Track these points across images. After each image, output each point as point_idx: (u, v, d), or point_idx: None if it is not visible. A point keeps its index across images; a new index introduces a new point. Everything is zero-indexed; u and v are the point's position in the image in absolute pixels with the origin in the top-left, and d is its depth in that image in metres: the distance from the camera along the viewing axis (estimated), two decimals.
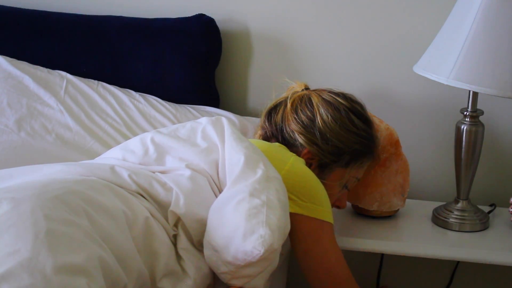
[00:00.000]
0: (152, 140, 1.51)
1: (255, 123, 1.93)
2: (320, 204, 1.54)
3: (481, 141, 1.80)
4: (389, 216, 1.88)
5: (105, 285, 1.19)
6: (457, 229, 1.82)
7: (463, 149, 1.79)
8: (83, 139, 1.86)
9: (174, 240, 1.40)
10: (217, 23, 1.99)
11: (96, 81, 1.98)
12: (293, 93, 1.71)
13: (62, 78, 1.96)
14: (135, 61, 2.00)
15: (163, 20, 2.00)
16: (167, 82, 1.98)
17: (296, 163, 1.57)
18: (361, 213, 1.89)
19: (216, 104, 2.03)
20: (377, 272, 2.08)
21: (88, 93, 1.94)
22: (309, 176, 1.57)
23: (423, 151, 2.03)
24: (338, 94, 1.69)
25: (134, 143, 1.54)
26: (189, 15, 1.99)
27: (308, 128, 1.64)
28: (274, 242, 1.32)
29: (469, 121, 1.79)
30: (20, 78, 1.94)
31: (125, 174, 1.41)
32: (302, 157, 1.63)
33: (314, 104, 1.66)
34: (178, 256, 1.39)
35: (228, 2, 2.05)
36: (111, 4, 2.09)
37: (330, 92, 1.70)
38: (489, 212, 1.89)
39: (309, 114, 1.65)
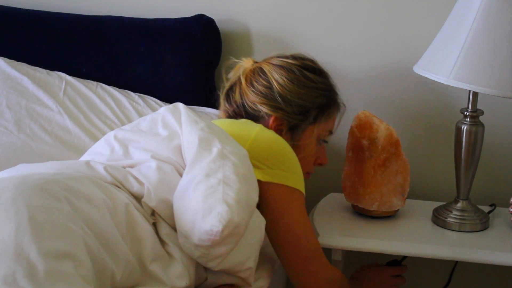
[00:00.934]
0: (116, 138, 1.53)
1: None
2: (289, 171, 1.54)
3: (481, 141, 1.80)
4: (389, 216, 1.88)
5: (93, 269, 1.20)
6: (457, 229, 1.82)
7: (463, 149, 1.79)
8: (82, 141, 1.86)
9: (155, 228, 1.41)
10: (217, 24, 1.99)
11: (95, 82, 1.98)
12: (244, 69, 1.71)
13: (61, 80, 1.96)
14: (134, 62, 2.00)
15: (163, 20, 2.00)
16: (167, 82, 1.98)
17: (262, 132, 1.57)
18: (361, 213, 1.89)
19: (216, 105, 2.03)
20: None
21: (87, 94, 1.94)
22: (277, 143, 1.57)
23: (423, 151, 2.03)
24: (287, 56, 1.70)
25: (99, 144, 1.57)
26: (189, 16, 1.99)
27: (268, 96, 1.65)
28: (234, 216, 1.32)
29: (469, 121, 1.79)
30: (19, 79, 1.94)
31: (100, 168, 1.43)
32: (271, 126, 1.64)
33: (267, 71, 1.67)
34: (162, 242, 1.40)
35: (228, 2, 2.05)
36: (111, 4, 2.09)
37: (278, 56, 1.71)
38: (489, 212, 1.89)
39: (265, 82, 1.66)
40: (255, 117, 1.67)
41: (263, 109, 1.65)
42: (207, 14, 1.99)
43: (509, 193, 1.93)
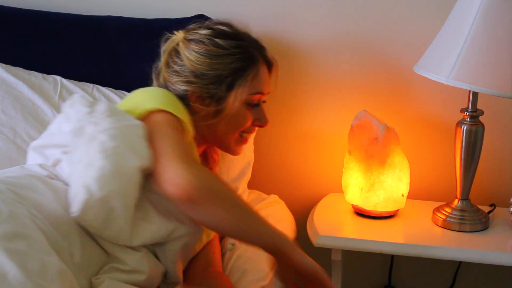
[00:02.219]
0: (33, 149, 1.57)
1: None
2: (155, 100, 1.53)
3: (481, 141, 1.80)
4: (389, 216, 1.89)
5: (49, 245, 1.26)
6: (457, 229, 1.82)
7: (463, 149, 1.79)
8: None
9: None
10: None
11: (91, 84, 1.97)
12: (164, 54, 1.69)
13: (56, 83, 1.96)
14: (134, 62, 1.99)
15: (163, 20, 2.00)
16: None
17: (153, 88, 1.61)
18: (361, 213, 1.89)
19: None
20: (388, 273, 2.09)
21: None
22: (154, 89, 1.61)
23: (423, 151, 2.03)
24: (202, 26, 1.68)
25: (27, 160, 1.60)
26: (189, 16, 1.99)
27: (182, 74, 1.64)
28: (92, 194, 1.35)
29: (469, 121, 1.79)
30: (14, 84, 1.94)
31: (35, 167, 1.49)
32: (192, 101, 1.62)
33: (180, 51, 1.65)
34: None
35: (228, 2, 2.05)
36: (110, 4, 2.09)
37: (194, 29, 1.68)
38: (489, 212, 1.89)
39: (179, 61, 1.65)
40: (179, 97, 1.64)
41: (181, 87, 1.63)
42: (207, 14, 1.99)
43: (509, 193, 1.93)
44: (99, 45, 2.00)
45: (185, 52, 1.64)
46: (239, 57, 1.63)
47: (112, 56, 2.00)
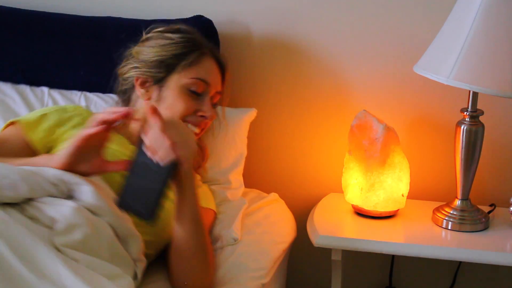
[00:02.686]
0: None
1: None
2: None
3: (481, 141, 1.80)
4: (389, 216, 1.89)
5: None
6: (457, 229, 1.82)
7: (463, 149, 1.79)
8: None
9: None
10: (218, 25, 1.98)
11: (79, 92, 1.97)
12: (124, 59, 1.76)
13: (43, 94, 1.96)
14: None
15: (162, 21, 1.99)
16: None
17: None
18: (361, 213, 1.89)
19: None
20: (388, 273, 2.09)
21: None
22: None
23: (423, 151, 2.03)
24: (158, 26, 1.75)
25: None
26: (189, 16, 1.99)
27: (129, 65, 1.71)
28: None
29: (469, 121, 1.79)
30: (1, 97, 1.94)
31: None
32: (137, 87, 1.68)
33: (132, 51, 1.72)
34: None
35: (229, 3, 2.04)
36: (110, 5, 2.09)
37: (152, 28, 1.75)
38: (489, 212, 1.89)
39: (130, 57, 1.73)
40: (130, 92, 1.72)
41: (128, 74, 1.70)
42: (208, 16, 1.98)
43: (509, 193, 1.93)
44: (99, 46, 2.00)
45: (136, 48, 1.71)
46: (183, 44, 1.69)
47: (112, 57, 1.99)
